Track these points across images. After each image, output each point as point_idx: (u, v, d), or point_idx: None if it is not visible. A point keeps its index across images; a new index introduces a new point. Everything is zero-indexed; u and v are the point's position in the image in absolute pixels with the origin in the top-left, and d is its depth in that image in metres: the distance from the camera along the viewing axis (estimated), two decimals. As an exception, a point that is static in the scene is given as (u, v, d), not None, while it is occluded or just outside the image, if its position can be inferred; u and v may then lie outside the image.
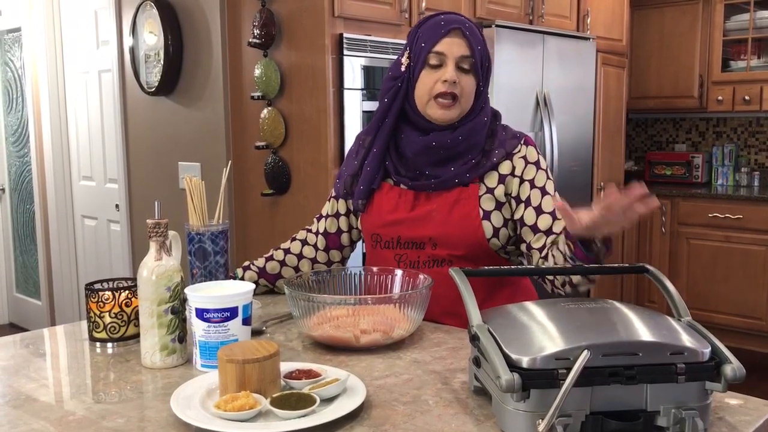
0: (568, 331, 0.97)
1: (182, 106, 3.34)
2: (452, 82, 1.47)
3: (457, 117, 1.52)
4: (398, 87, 1.54)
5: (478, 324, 1.02)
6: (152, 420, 1.03)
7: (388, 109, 1.55)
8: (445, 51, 1.48)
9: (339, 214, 1.71)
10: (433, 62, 1.49)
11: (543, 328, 0.99)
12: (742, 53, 4.58)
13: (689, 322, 1.07)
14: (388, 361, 1.28)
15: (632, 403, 0.95)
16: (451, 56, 1.48)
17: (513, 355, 0.93)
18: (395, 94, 1.54)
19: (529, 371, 0.91)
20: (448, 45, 1.48)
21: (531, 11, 3.69)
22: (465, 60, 1.49)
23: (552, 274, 1.45)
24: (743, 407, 1.06)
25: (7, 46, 4.70)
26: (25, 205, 4.69)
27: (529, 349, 0.94)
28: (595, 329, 0.98)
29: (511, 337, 0.98)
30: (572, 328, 0.98)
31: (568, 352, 0.92)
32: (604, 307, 1.06)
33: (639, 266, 1.23)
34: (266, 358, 1.05)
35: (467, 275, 1.10)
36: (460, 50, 1.48)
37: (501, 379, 0.90)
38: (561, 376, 0.90)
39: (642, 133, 5.34)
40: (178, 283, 1.26)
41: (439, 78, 1.48)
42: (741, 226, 4.27)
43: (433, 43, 1.49)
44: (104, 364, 1.30)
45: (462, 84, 1.49)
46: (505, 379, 0.89)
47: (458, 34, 1.49)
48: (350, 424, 1.01)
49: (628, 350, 0.94)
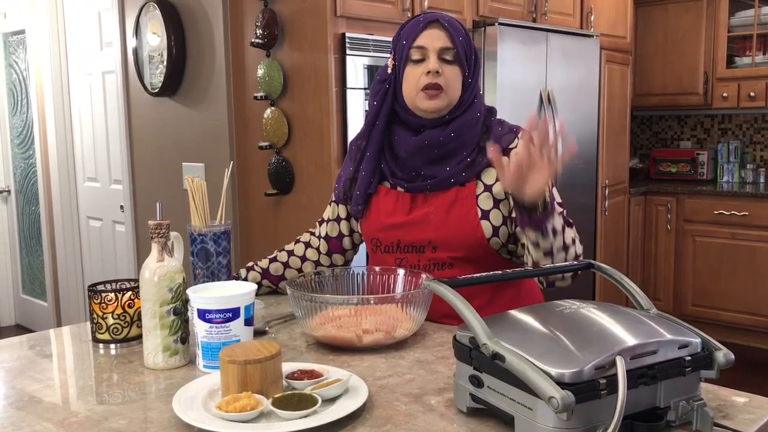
0: (590, 340, 0.93)
1: (186, 106, 3.35)
2: (435, 72, 1.48)
3: (445, 107, 1.51)
4: (386, 89, 1.55)
5: (491, 340, 0.93)
6: (155, 421, 1.03)
7: (379, 112, 1.55)
8: (426, 44, 1.50)
9: (339, 218, 1.71)
10: (416, 57, 1.51)
11: (559, 338, 0.94)
12: (747, 49, 4.56)
13: (658, 313, 1.07)
14: (390, 361, 1.27)
15: (647, 402, 0.95)
16: (432, 48, 1.50)
17: (553, 370, 0.87)
18: (384, 96, 1.55)
19: (574, 386, 0.86)
20: (428, 38, 1.50)
21: (534, 9, 3.68)
22: (447, 51, 1.50)
23: (513, 278, 1.37)
24: (748, 405, 1.06)
25: (12, 49, 4.71)
26: (30, 207, 4.71)
27: (566, 363, 0.88)
28: (611, 334, 0.96)
29: (536, 351, 0.91)
30: (590, 335, 0.95)
31: (604, 361, 0.89)
32: (582, 307, 1.04)
33: (586, 263, 1.22)
34: (268, 359, 1.05)
35: (452, 286, 1.04)
36: (441, 42, 1.50)
37: (555, 399, 0.83)
38: (602, 386, 0.87)
39: (647, 131, 5.33)
40: (180, 284, 1.26)
41: (423, 71, 1.49)
42: (747, 223, 4.26)
43: (414, 38, 1.51)
44: (107, 365, 1.30)
45: (446, 74, 1.50)
46: (561, 397, 0.83)
47: (437, 26, 1.51)
48: (352, 424, 1.00)
49: (649, 350, 0.94)
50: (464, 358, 1.01)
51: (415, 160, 1.54)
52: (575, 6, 3.97)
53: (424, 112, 1.52)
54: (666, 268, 4.61)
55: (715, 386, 1.12)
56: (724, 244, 4.36)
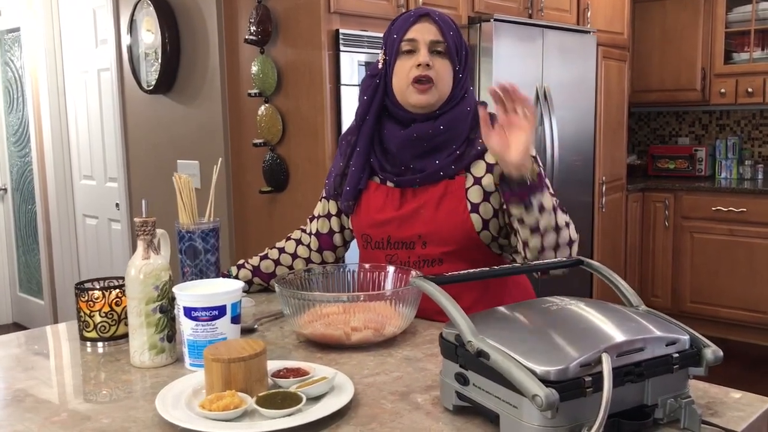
0: (576, 336, 0.92)
1: (180, 104, 3.33)
2: (426, 64, 1.47)
3: (436, 101, 1.50)
4: (376, 84, 1.54)
5: (476, 337, 0.92)
6: (138, 420, 1.02)
7: (369, 106, 1.55)
8: (416, 37, 1.49)
9: (330, 214, 1.70)
10: (406, 49, 1.50)
11: (545, 335, 0.93)
12: (745, 45, 4.55)
13: (647, 310, 1.06)
14: (379, 358, 1.26)
15: (634, 400, 0.94)
16: (423, 41, 1.49)
17: (538, 368, 0.86)
18: (374, 91, 1.54)
19: (559, 383, 0.85)
20: (419, 31, 1.49)
21: (530, 5, 3.66)
22: (437, 44, 1.49)
23: (501, 275, 1.34)
24: (738, 403, 1.05)
25: (7, 46, 4.70)
26: (26, 205, 4.70)
27: (552, 360, 0.87)
28: (598, 331, 0.95)
29: (521, 349, 0.90)
30: (577, 332, 0.94)
31: (590, 359, 0.87)
32: (570, 304, 1.03)
33: (575, 260, 1.21)
34: (252, 357, 1.04)
35: (437, 283, 1.03)
36: (431, 35, 1.49)
37: (539, 397, 0.82)
38: (587, 384, 0.86)
39: (645, 127, 5.31)
40: (167, 282, 1.25)
41: (413, 63, 1.48)
42: (745, 219, 4.24)
43: (404, 32, 1.50)
44: (94, 363, 1.29)
45: (437, 67, 1.49)
46: (545, 395, 0.82)
47: (428, 20, 1.51)
48: (336, 422, 0.99)
49: (636, 347, 0.92)
50: (450, 355, 1.00)
51: (404, 154, 1.53)
52: (572, 2, 3.96)
53: (414, 107, 1.51)
54: (664, 265, 4.60)
55: (706, 383, 1.11)
56: (722, 240, 4.34)
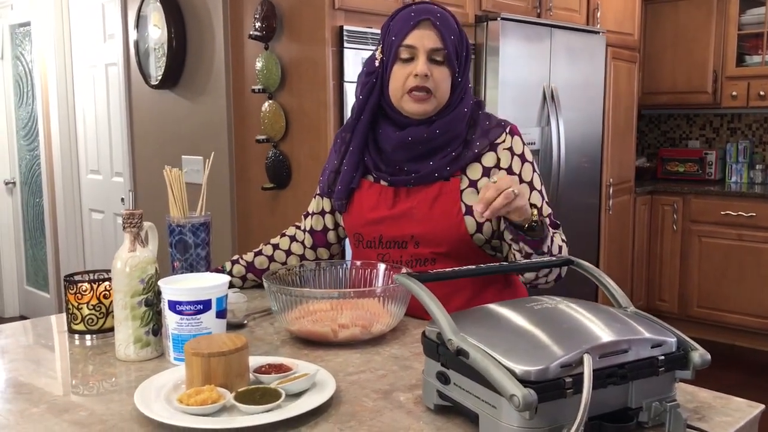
0: (560, 336, 0.90)
1: (186, 99, 3.33)
2: (423, 75, 1.43)
3: (432, 110, 1.48)
4: (373, 83, 1.51)
5: (456, 335, 0.90)
6: (115, 413, 1.01)
7: (364, 105, 1.52)
8: (416, 44, 1.45)
9: (324, 211, 1.69)
10: (405, 56, 1.46)
11: (528, 334, 0.92)
12: (758, 48, 4.49)
13: (635, 311, 1.04)
14: (365, 356, 1.25)
15: (617, 403, 0.92)
16: (422, 49, 1.44)
17: (518, 367, 0.84)
18: (370, 90, 1.51)
19: (539, 384, 0.83)
20: (419, 38, 1.45)
21: (538, 4, 3.63)
22: (437, 52, 1.45)
23: (487, 273, 1.33)
24: (725, 407, 1.03)
25: (18, 41, 4.72)
26: (34, 199, 4.72)
27: (532, 360, 0.85)
28: (581, 331, 0.93)
29: (502, 348, 0.88)
30: (560, 332, 0.92)
31: (571, 359, 0.86)
32: (557, 303, 1.01)
33: (565, 259, 1.19)
34: (232, 352, 1.03)
35: (421, 280, 1.02)
36: (431, 42, 1.44)
37: (516, 397, 0.81)
38: (567, 385, 0.84)
39: (655, 129, 5.26)
40: (153, 275, 1.24)
41: (411, 72, 1.45)
42: (754, 224, 4.20)
43: (404, 36, 1.45)
44: (81, 356, 1.29)
45: (435, 77, 1.45)
46: (523, 396, 0.80)
47: (428, 25, 1.45)
48: (315, 420, 0.98)
49: (620, 349, 0.91)
50: (432, 353, 0.98)
51: (398, 156, 1.51)
52: (581, 2, 3.92)
53: (409, 113, 1.49)
54: (671, 269, 4.55)
55: (695, 387, 1.09)
56: (730, 245, 4.29)
